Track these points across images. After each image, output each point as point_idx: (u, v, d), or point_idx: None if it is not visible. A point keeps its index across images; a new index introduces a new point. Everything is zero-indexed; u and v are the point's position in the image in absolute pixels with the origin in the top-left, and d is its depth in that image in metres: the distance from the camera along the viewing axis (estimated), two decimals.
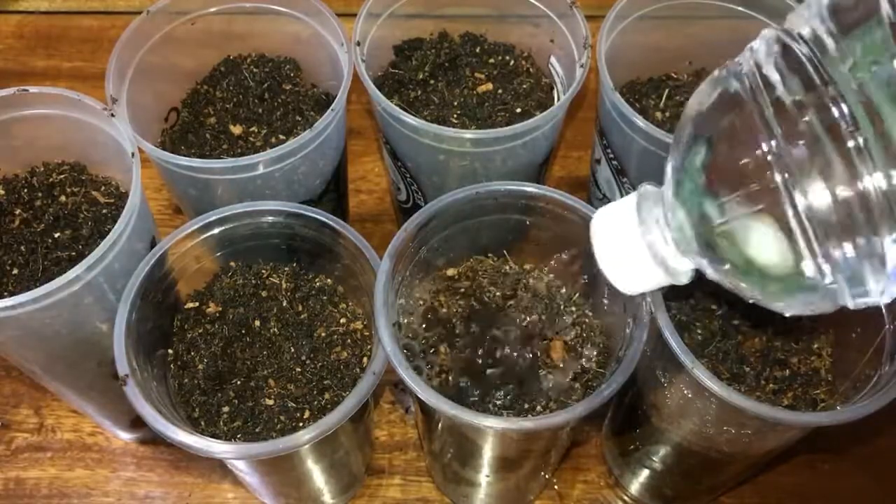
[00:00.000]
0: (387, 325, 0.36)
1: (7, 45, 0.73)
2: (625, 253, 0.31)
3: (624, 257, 0.31)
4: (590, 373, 0.40)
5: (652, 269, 0.31)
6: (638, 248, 0.30)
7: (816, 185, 0.23)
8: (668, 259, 0.30)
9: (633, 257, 0.31)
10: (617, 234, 0.31)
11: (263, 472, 0.44)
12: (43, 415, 0.54)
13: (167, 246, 0.40)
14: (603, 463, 0.52)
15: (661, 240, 0.29)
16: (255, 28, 0.52)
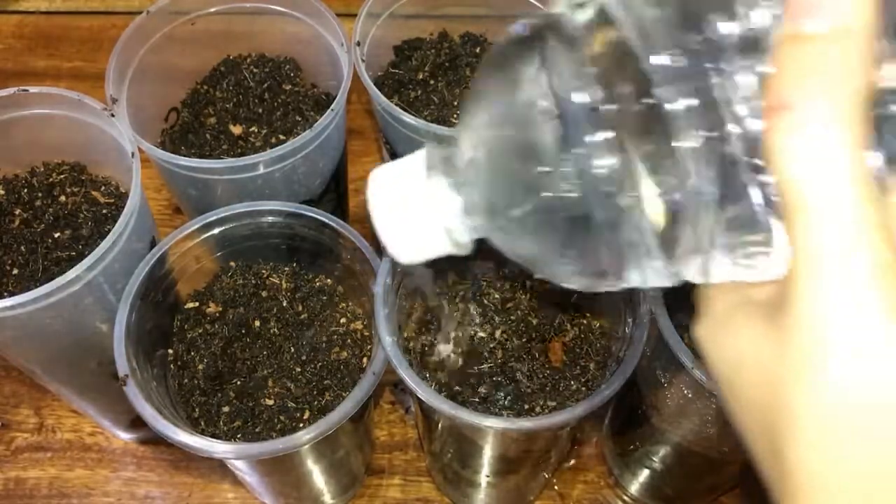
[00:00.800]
0: (387, 325, 0.36)
1: (7, 44, 0.73)
2: (407, 215, 0.28)
3: (406, 220, 0.28)
4: (589, 373, 0.40)
5: (435, 234, 0.28)
6: (422, 216, 0.27)
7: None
8: (453, 223, 0.27)
9: (415, 220, 0.27)
10: (400, 193, 0.28)
11: (263, 472, 0.44)
12: (43, 415, 0.54)
13: (167, 246, 0.40)
14: (603, 463, 0.52)
15: (448, 207, 0.27)
16: (255, 28, 0.52)
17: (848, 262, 0.16)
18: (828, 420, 0.16)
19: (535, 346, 0.41)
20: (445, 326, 0.42)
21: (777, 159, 0.17)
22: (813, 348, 0.16)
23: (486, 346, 0.41)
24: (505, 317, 0.42)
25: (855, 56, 0.16)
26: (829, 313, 0.16)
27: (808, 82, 0.16)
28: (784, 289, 0.17)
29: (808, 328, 0.16)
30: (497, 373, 0.40)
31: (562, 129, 0.21)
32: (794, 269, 0.17)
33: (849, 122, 0.16)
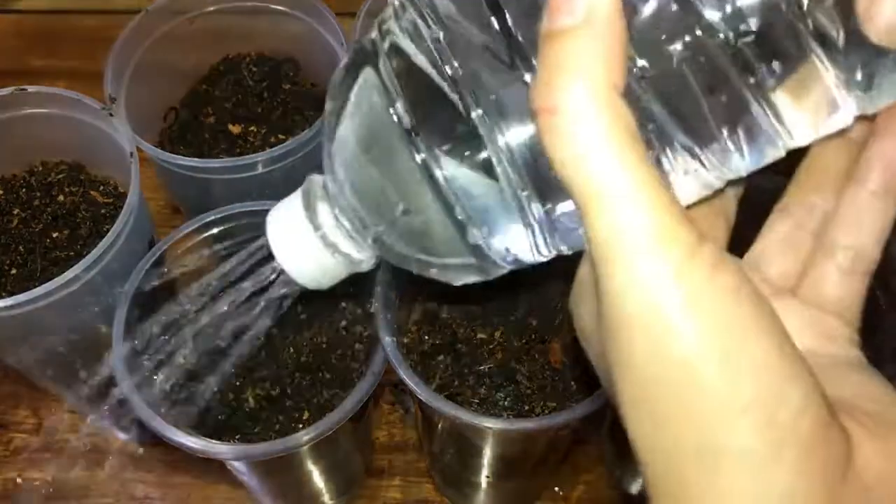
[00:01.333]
0: (387, 325, 0.36)
1: (5, 44, 0.73)
2: (303, 250, 0.30)
3: (303, 255, 0.30)
4: (590, 373, 0.40)
5: (332, 261, 0.30)
6: (313, 243, 0.29)
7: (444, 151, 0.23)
8: (342, 247, 0.29)
9: (311, 253, 0.30)
10: (291, 232, 0.30)
11: (263, 473, 0.44)
12: (41, 415, 0.54)
13: (166, 246, 0.40)
14: (603, 463, 0.52)
15: (334, 230, 0.29)
16: (254, 27, 0.52)
17: (635, 245, 0.17)
18: (631, 373, 0.18)
19: (535, 347, 0.41)
20: (445, 328, 0.42)
21: (551, 161, 0.18)
22: (616, 319, 0.17)
23: (486, 347, 0.41)
24: (505, 317, 0.42)
25: (607, 45, 0.17)
26: (625, 291, 0.17)
27: (564, 80, 0.17)
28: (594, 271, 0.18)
29: (612, 306, 0.17)
30: (497, 374, 0.40)
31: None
32: (591, 255, 0.18)
33: (610, 112, 0.17)
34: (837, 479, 0.17)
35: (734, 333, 0.17)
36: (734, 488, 0.17)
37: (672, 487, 0.18)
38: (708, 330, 0.16)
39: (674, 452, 0.17)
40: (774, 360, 0.17)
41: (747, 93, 0.20)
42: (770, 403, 0.16)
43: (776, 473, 0.17)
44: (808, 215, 0.24)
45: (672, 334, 0.17)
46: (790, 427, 0.16)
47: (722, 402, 0.16)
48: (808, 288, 0.24)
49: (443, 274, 0.28)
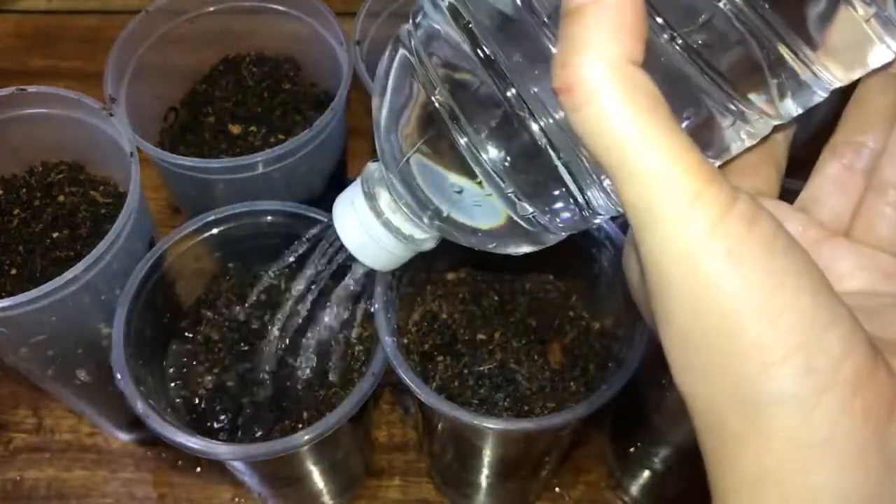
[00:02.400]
0: (387, 326, 0.36)
1: (5, 44, 0.72)
2: (367, 235, 0.31)
3: (368, 239, 0.31)
4: (589, 374, 0.40)
5: (396, 244, 0.31)
6: (377, 228, 0.31)
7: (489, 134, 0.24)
8: (405, 230, 0.31)
9: (375, 237, 0.31)
10: (354, 218, 0.31)
11: (263, 473, 0.43)
12: (41, 415, 0.54)
13: (166, 246, 0.40)
14: (604, 464, 0.52)
15: (392, 213, 0.30)
16: (254, 27, 0.52)
17: (667, 210, 0.17)
18: (675, 328, 0.18)
19: (535, 347, 0.41)
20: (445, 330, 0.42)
21: (580, 137, 0.18)
22: (658, 279, 0.18)
23: (485, 348, 0.41)
24: (504, 318, 0.42)
25: (622, 20, 0.17)
26: (662, 254, 0.18)
27: (578, 58, 0.17)
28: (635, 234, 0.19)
29: (652, 267, 0.18)
30: (496, 374, 0.40)
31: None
32: (631, 222, 0.18)
33: (627, 85, 0.17)
34: (884, 418, 0.17)
35: (770, 285, 0.17)
36: (777, 433, 0.17)
37: (716, 435, 0.18)
38: (745, 283, 0.17)
39: (717, 402, 0.18)
40: (810, 308, 0.17)
41: (786, 40, 0.21)
42: (809, 351, 0.17)
43: (818, 416, 0.17)
44: (857, 155, 0.24)
45: (710, 290, 0.17)
46: (831, 372, 0.17)
47: (761, 352, 0.17)
48: (861, 228, 0.24)
49: (501, 247, 0.29)
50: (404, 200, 0.29)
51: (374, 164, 0.31)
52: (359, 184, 0.31)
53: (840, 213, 0.24)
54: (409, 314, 0.43)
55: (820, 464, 0.17)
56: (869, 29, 0.21)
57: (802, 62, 0.21)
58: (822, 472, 0.17)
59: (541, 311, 0.42)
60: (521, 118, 0.23)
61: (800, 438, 0.17)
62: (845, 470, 0.17)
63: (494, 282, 0.44)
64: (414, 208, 0.29)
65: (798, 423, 0.17)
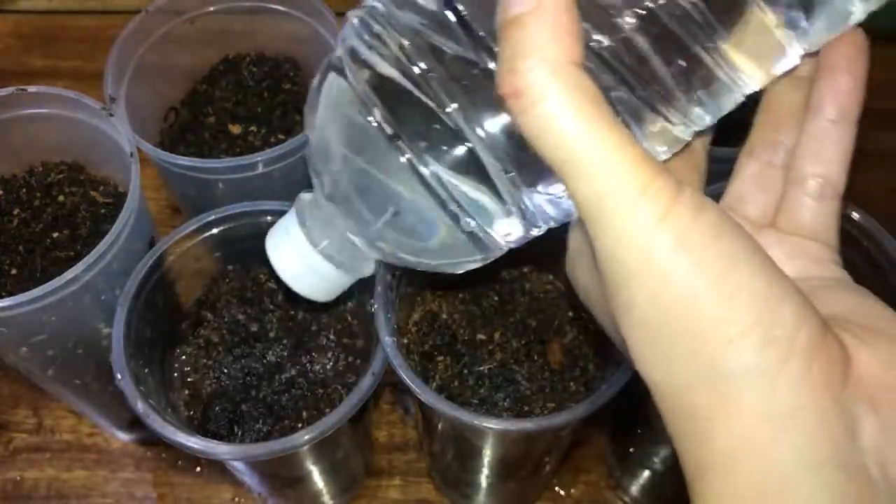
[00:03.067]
0: (387, 325, 0.36)
1: (5, 44, 0.72)
2: (304, 265, 0.31)
3: (308, 272, 0.31)
4: (589, 374, 0.40)
5: (334, 273, 0.31)
6: (314, 257, 0.31)
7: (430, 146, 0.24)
8: (342, 258, 0.31)
9: (313, 267, 0.31)
10: (290, 249, 0.31)
11: (263, 473, 0.44)
12: (41, 415, 0.54)
13: (166, 246, 0.40)
14: (604, 464, 0.52)
15: (329, 241, 0.30)
16: (255, 27, 0.52)
17: (618, 203, 0.18)
18: (646, 327, 0.19)
19: (535, 347, 0.41)
20: (445, 330, 0.42)
21: (527, 139, 0.19)
22: (614, 271, 0.19)
23: (485, 348, 0.41)
24: (504, 318, 0.42)
25: (560, 25, 0.18)
26: (616, 246, 0.18)
27: (523, 64, 0.18)
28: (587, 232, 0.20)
29: (607, 261, 0.19)
30: (496, 374, 0.40)
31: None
32: (582, 218, 0.19)
33: (572, 85, 0.18)
34: (839, 384, 0.18)
35: (722, 266, 0.18)
36: (744, 407, 0.18)
37: (686, 416, 0.19)
38: (698, 267, 0.18)
39: (683, 383, 0.19)
40: (763, 284, 0.18)
41: (700, 50, 0.22)
42: (766, 324, 0.18)
43: (781, 386, 0.18)
44: (774, 153, 0.26)
45: (666, 276, 0.18)
46: (788, 342, 0.18)
47: (722, 330, 0.18)
48: (786, 219, 0.25)
49: (444, 266, 0.29)
50: (342, 226, 0.29)
51: (307, 194, 0.31)
52: (293, 214, 0.31)
53: (764, 208, 0.26)
54: (409, 314, 0.43)
55: (788, 433, 0.18)
56: (779, 35, 0.22)
57: (721, 70, 0.22)
58: (790, 441, 0.18)
59: (541, 311, 0.42)
60: (461, 132, 0.23)
61: (766, 410, 0.18)
62: (812, 437, 0.18)
63: (494, 282, 0.44)
64: (353, 232, 0.29)
65: (763, 396, 0.18)
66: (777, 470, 0.18)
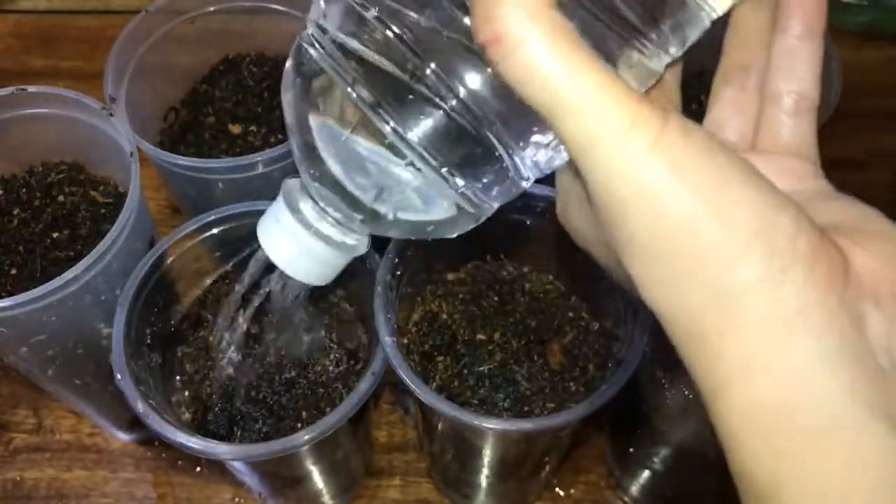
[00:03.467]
0: (387, 325, 0.36)
1: (6, 44, 0.73)
2: (298, 249, 0.31)
3: (302, 255, 0.31)
4: (588, 374, 0.40)
5: (329, 253, 0.31)
6: (308, 240, 0.30)
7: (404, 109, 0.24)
8: (335, 237, 0.31)
9: (307, 250, 0.31)
10: (282, 235, 0.31)
11: (263, 473, 0.44)
12: (41, 415, 0.54)
13: (166, 246, 0.40)
14: (604, 464, 0.52)
15: (320, 222, 0.30)
16: (255, 27, 0.52)
17: (608, 138, 0.18)
18: (646, 253, 0.19)
19: (535, 347, 0.41)
20: (445, 330, 0.42)
21: (511, 85, 0.19)
22: (610, 205, 0.19)
23: (485, 348, 0.41)
24: (504, 318, 0.42)
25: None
26: (610, 180, 0.19)
27: (500, 10, 0.18)
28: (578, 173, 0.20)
29: (603, 196, 0.19)
30: (496, 374, 0.40)
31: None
32: (572, 159, 0.19)
33: (550, 27, 0.18)
34: (841, 284, 0.19)
35: (717, 186, 0.18)
36: (753, 319, 0.18)
37: (696, 339, 0.19)
38: (693, 190, 0.18)
39: (691, 306, 0.19)
40: (758, 198, 0.18)
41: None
42: (766, 236, 0.18)
43: (787, 293, 0.18)
44: (746, 76, 0.26)
45: (664, 202, 0.18)
46: (789, 250, 0.18)
47: (724, 247, 0.18)
48: (765, 139, 0.26)
49: (437, 231, 0.29)
50: (332, 205, 0.29)
51: (292, 179, 0.31)
52: (281, 201, 0.31)
53: (743, 132, 0.26)
54: (409, 314, 0.43)
55: (798, 334, 0.18)
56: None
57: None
58: (801, 341, 0.18)
59: (540, 311, 0.42)
60: (442, 92, 0.23)
61: (775, 317, 0.18)
62: (822, 335, 0.18)
63: (494, 282, 0.44)
64: (343, 211, 0.29)
65: (770, 304, 0.18)
66: (792, 370, 0.18)
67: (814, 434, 0.18)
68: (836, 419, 0.18)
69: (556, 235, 0.42)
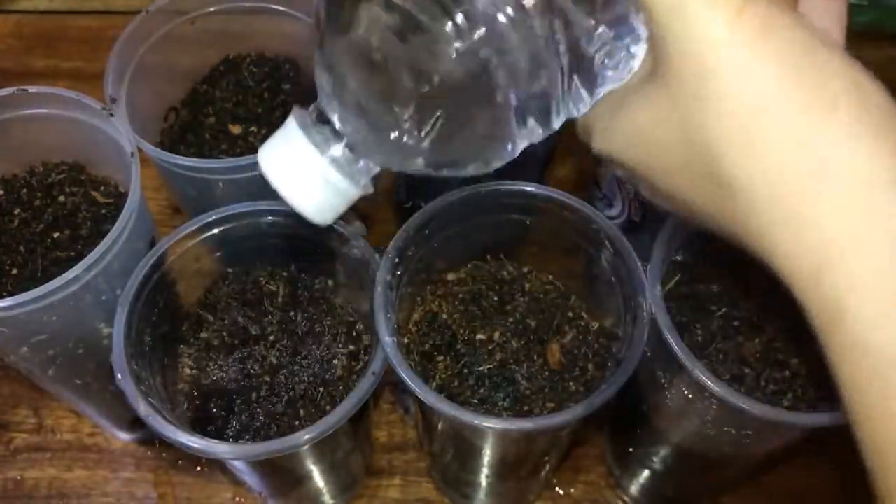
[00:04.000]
0: (387, 325, 0.36)
1: (6, 44, 0.73)
2: (309, 180, 0.29)
3: (312, 181, 0.29)
4: (588, 374, 0.40)
5: (343, 183, 0.29)
6: (323, 169, 0.29)
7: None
8: (350, 168, 0.29)
9: (321, 179, 0.29)
10: (295, 162, 0.29)
11: (263, 473, 0.44)
12: (42, 415, 0.54)
13: (166, 246, 0.40)
14: (603, 463, 0.52)
15: (338, 150, 0.29)
16: (255, 28, 0.52)
17: (695, 6, 0.20)
18: (736, 119, 0.20)
19: (534, 347, 0.41)
20: (445, 330, 0.42)
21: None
22: (696, 72, 0.20)
23: (485, 348, 0.41)
24: (504, 318, 0.42)
25: None
26: (697, 46, 0.20)
27: None
28: (654, 56, 0.22)
29: (686, 60, 0.20)
30: (496, 374, 0.40)
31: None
32: (655, 36, 0.21)
33: None
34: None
35: (801, 50, 0.20)
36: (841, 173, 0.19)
37: (781, 203, 0.20)
38: (778, 54, 0.19)
39: (781, 172, 0.20)
40: (836, 58, 0.20)
41: None
42: (853, 93, 0.20)
43: (881, 147, 0.19)
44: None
45: (751, 68, 0.19)
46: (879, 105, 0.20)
47: (814, 113, 0.19)
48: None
49: (470, 161, 0.28)
50: (356, 132, 0.28)
51: (301, 108, 0.30)
52: (293, 125, 0.29)
53: None
54: (409, 314, 0.43)
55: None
56: None
57: None
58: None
59: (540, 311, 0.42)
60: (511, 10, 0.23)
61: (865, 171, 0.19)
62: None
63: (494, 282, 0.44)
64: (366, 139, 0.28)
65: (864, 157, 0.19)
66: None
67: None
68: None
69: (556, 235, 0.42)
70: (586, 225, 0.40)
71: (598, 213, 0.40)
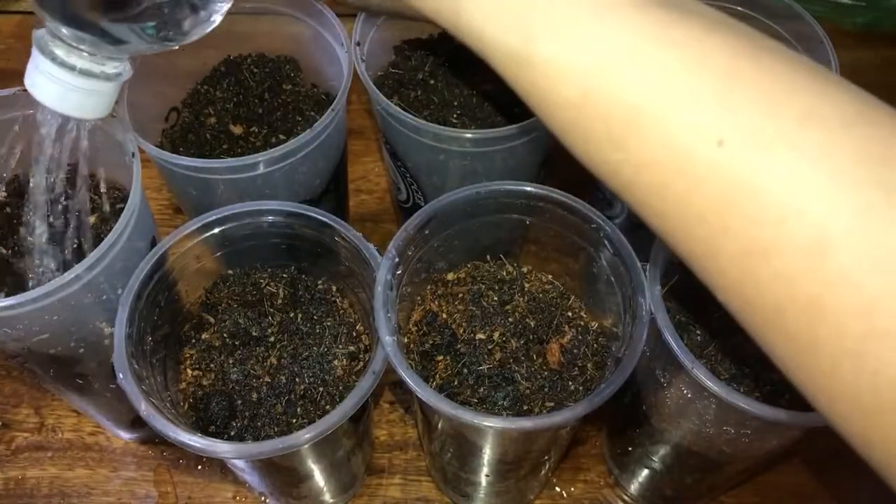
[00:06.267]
0: (387, 324, 0.36)
1: (8, 45, 0.73)
2: (66, 88, 0.35)
3: (68, 91, 0.35)
4: (587, 373, 0.40)
5: (97, 84, 0.35)
6: (73, 78, 0.34)
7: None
8: (96, 70, 0.34)
9: (76, 87, 0.35)
10: (49, 80, 0.35)
11: (263, 472, 0.44)
12: (43, 414, 0.54)
13: (167, 246, 0.40)
14: (603, 462, 0.52)
15: (79, 59, 0.34)
16: (256, 28, 0.52)
17: None
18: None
19: (534, 347, 0.41)
20: (445, 330, 0.42)
21: None
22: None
23: (485, 348, 0.41)
24: (504, 318, 0.42)
25: None
26: None
27: None
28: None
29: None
30: (496, 374, 0.40)
31: None
32: None
33: None
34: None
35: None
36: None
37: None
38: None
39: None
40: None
41: None
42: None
43: None
44: None
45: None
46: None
47: None
48: None
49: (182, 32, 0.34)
50: (88, 40, 0.33)
51: (39, 30, 0.35)
52: (37, 52, 0.35)
53: None
54: (409, 314, 0.43)
55: None
56: None
57: None
58: None
59: (540, 310, 0.43)
60: None
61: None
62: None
63: (494, 282, 0.44)
64: (93, 42, 0.33)
65: None
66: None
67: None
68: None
69: (556, 235, 0.42)
70: (586, 225, 0.40)
71: (597, 213, 0.40)
